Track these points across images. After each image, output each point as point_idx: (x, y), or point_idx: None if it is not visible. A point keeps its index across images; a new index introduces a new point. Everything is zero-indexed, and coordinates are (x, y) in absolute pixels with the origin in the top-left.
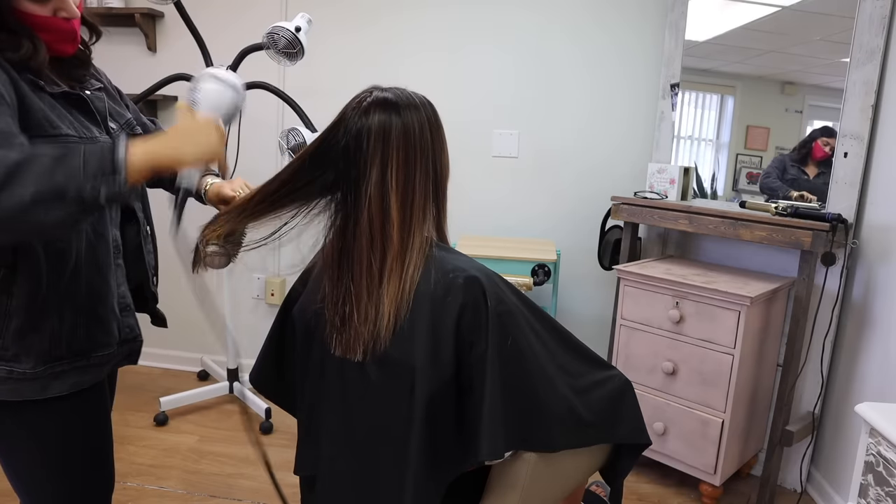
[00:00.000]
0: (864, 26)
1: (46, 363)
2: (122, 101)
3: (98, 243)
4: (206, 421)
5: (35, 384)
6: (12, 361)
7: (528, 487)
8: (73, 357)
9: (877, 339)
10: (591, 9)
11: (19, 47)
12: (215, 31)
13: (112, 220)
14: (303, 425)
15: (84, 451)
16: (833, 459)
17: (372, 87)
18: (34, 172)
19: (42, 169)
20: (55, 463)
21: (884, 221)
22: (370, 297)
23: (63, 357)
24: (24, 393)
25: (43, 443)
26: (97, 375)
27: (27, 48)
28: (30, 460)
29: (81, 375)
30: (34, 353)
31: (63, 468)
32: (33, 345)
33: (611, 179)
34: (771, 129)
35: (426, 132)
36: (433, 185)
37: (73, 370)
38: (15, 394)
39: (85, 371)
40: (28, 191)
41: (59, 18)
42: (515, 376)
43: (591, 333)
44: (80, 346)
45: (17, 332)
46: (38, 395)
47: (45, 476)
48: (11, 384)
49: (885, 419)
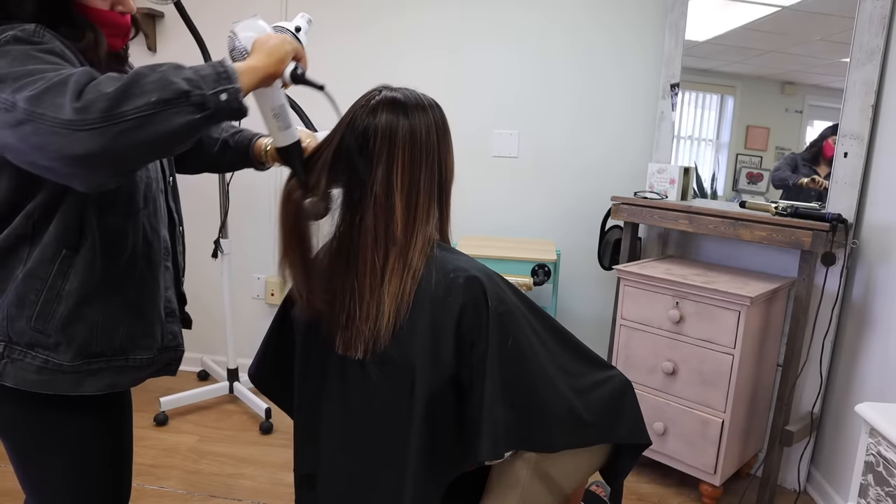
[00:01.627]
0: (864, 26)
1: (84, 357)
2: None
3: (153, 239)
4: (206, 421)
5: (69, 378)
6: (51, 351)
7: (528, 487)
8: (111, 355)
9: (877, 339)
10: (591, 9)
11: (82, 38)
12: (215, 31)
13: (162, 220)
14: (301, 424)
15: (104, 458)
16: (833, 459)
17: (381, 85)
18: (153, 80)
19: (160, 76)
20: (71, 467)
21: (884, 221)
22: (372, 294)
23: (102, 353)
24: (57, 386)
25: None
26: (133, 379)
27: (89, 39)
28: (46, 461)
29: (117, 376)
30: (74, 345)
31: (79, 474)
32: (75, 335)
33: (611, 179)
34: (771, 129)
35: (433, 134)
36: (438, 187)
37: (110, 369)
38: (48, 386)
39: (121, 372)
40: (152, 96)
41: (116, 13)
42: (516, 376)
43: (591, 333)
44: (120, 343)
45: (63, 318)
46: (71, 390)
47: (59, 479)
48: (47, 375)
49: (885, 419)
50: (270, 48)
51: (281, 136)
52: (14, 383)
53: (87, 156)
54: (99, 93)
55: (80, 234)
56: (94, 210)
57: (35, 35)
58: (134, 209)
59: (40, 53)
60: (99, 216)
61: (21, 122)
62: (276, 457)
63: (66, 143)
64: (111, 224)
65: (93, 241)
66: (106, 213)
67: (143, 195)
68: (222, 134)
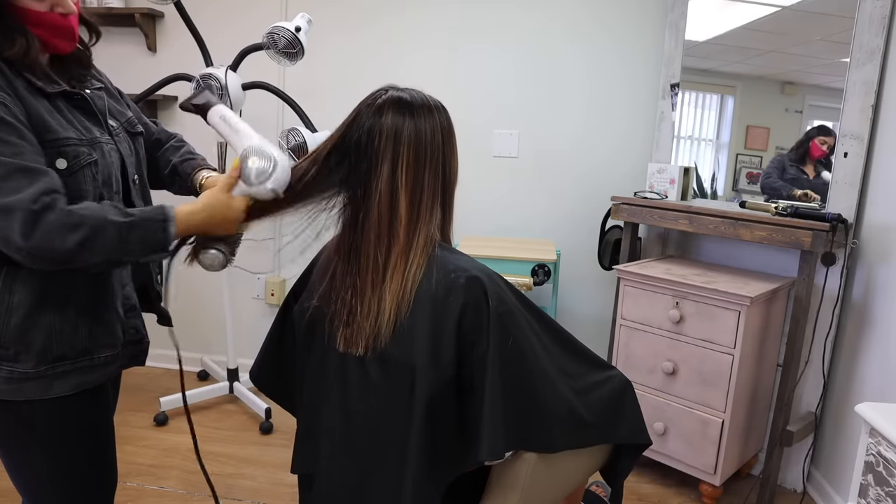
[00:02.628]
0: (864, 26)
1: (48, 363)
2: (122, 100)
3: None
4: (206, 421)
5: (38, 383)
6: (13, 362)
7: (528, 487)
8: (75, 357)
9: (877, 339)
10: (591, 8)
11: (13, 44)
12: (215, 31)
13: None
14: (302, 423)
15: (86, 451)
16: (833, 459)
17: (388, 85)
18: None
19: (108, 243)
20: (57, 463)
21: (884, 221)
22: (374, 291)
23: (66, 357)
24: (27, 392)
25: (44, 442)
26: (103, 376)
27: (21, 45)
28: (32, 460)
29: (86, 375)
30: (34, 352)
31: (65, 469)
32: (33, 343)
33: (611, 179)
34: (771, 129)
35: (438, 135)
36: (441, 188)
37: (77, 370)
38: (18, 393)
39: (89, 371)
40: (97, 258)
41: (56, 14)
42: (516, 376)
43: (591, 333)
44: (82, 345)
45: (16, 328)
46: (41, 394)
47: (46, 476)
48: (14, 384)
49: (885, 419)
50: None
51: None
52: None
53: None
54: (52, 247)
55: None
56: None
57: None
58: None
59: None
60: None
61: None
62: (276, 457)
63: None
64: None
65: None
66: None
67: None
68: (173, 157)
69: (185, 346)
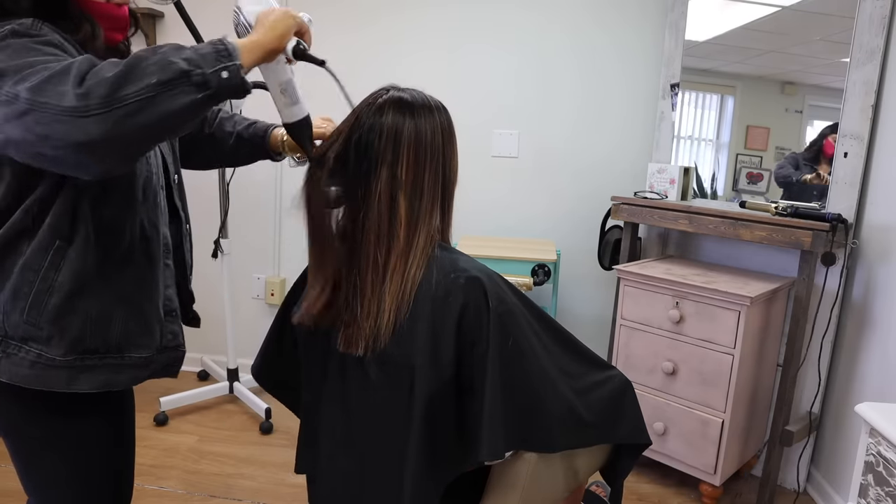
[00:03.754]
0: (864, 26)
1: (78, 353)
2: None
3: (153, 235)
4: (206, 421)
5: (63, 373)
6: (44, 344)
7: (528, 487)
8: (105, 352)
9: (877, 339)
10: (591, 9)
11: (79, 30)
12: (215, 31)
13: (162, 216)
14: (304, 424)
15: (105, 459)
16: (833, 459)
17: (389, 85)
18: (153, 62)
19: (160, 57)
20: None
21: (884, 221)
22: (374, 292)
23: (96, 350)
24: (50, 381)
25: (64, 444)
26: (132, 379)
27: (86, 31)
28: (47, 462)
29: (113, 374)
30: (67, 338)
31: (83, 474)
32: (68, 328)
33: (611, 179)
34: (771, 129)
35: (438, 136)
36: (441, 189)
37: (105, 367)
38: (41, 381)
39: (118, 370)
40: (152, 79)
41: (112, 4)
42: (516, 376)
43: (591, 333)
44: (115, 340)
45: (55, 309)
46: (65, 386)
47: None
48: (39, 369)
49: (885, 419)
50: (272, 22)
51: (288, 112)
52: (8, 378)
53: (91, 142)
54: (100, 78)
55: (72, 226)
56: (89, 201)
57: (33, 28)
58: (131, 201)
59: (39, 45)
60: (94, 208)
61: (24, 112)
62: (276, 457)
63: (70, 130)
64: (106, 216)
65: (86, 233)
66: (101, 205)
67: (143, 188)
68: (236, 127)
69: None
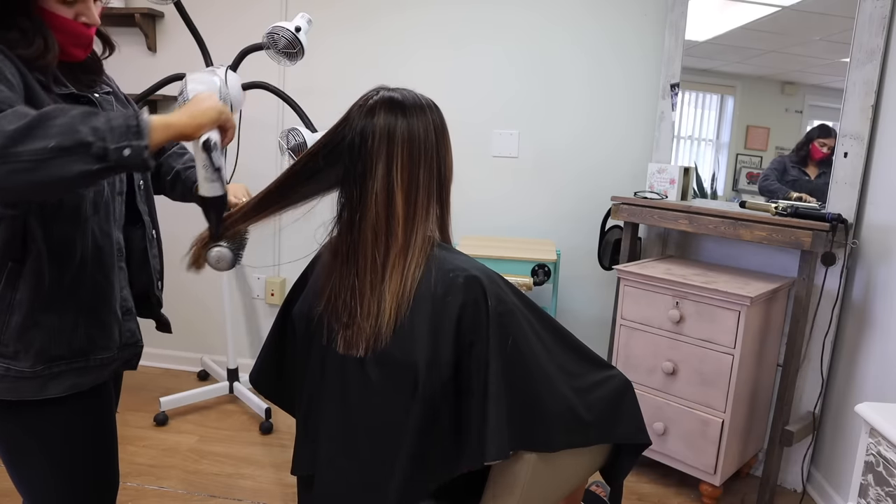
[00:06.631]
0: (864, 26)
1: (45, 362)
2: (130, 105)
3: (104, 243)
4: (206, 421)
5: (33, 383)
6: (11, 359)
7: (528, 487)
8: (71, 357)
9: (877, 339)
10: (591, 9)
11: (30, 45)
12: (215, 31)
13: (116, 222)
14: (301, 425)
15: (86, 453)
16: (833, 459)
17: (379, 86)
18: (58, 125)
19: (67, 122)
20: (57, 465)
21: (884, 221)
22: (373, 292)
23: (62, 357)
24: (22, 392)
25: (44, 444)
26: (96, 378)
27: (38, 46)
28: (31, 462)
29: (80, 377)
30: (33, 351)
31: (65, 470)
32: (33, 342)
33: (611, 179)
34: (771, 129)
35: (431, 134)
36: (437, 185)
37: (71, 371)
38: (13, 392)
39: (83, 373)
40: (50, 142)
41: (80, 23)
42: (515, 376)
43: (591, 333)
44: (79, 346)
45: (17, 327)
46: (35, 395)
47: (46, 477)
48: (9, 382)
49: (885, 419)
50: (197, 111)
51: (206, 186)
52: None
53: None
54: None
55: (24, 246)
56: (38, 221)
57: None
58: (82, 218)
59: None
60: (44, 227)
61: None
62: (276, 457)
63: None
64: (57, 234)
65: (38, 251)
66: (50, 222)
67: (93, 203)
68: (176, 164)
69: (185, 346)
